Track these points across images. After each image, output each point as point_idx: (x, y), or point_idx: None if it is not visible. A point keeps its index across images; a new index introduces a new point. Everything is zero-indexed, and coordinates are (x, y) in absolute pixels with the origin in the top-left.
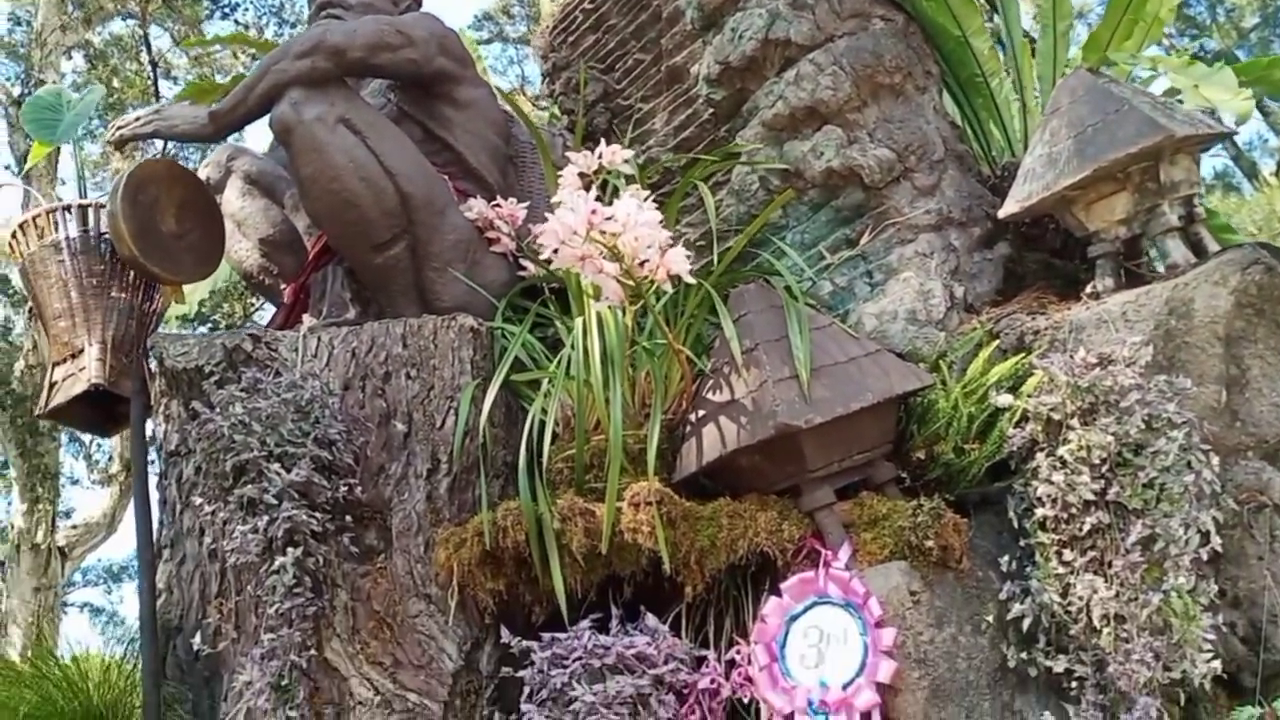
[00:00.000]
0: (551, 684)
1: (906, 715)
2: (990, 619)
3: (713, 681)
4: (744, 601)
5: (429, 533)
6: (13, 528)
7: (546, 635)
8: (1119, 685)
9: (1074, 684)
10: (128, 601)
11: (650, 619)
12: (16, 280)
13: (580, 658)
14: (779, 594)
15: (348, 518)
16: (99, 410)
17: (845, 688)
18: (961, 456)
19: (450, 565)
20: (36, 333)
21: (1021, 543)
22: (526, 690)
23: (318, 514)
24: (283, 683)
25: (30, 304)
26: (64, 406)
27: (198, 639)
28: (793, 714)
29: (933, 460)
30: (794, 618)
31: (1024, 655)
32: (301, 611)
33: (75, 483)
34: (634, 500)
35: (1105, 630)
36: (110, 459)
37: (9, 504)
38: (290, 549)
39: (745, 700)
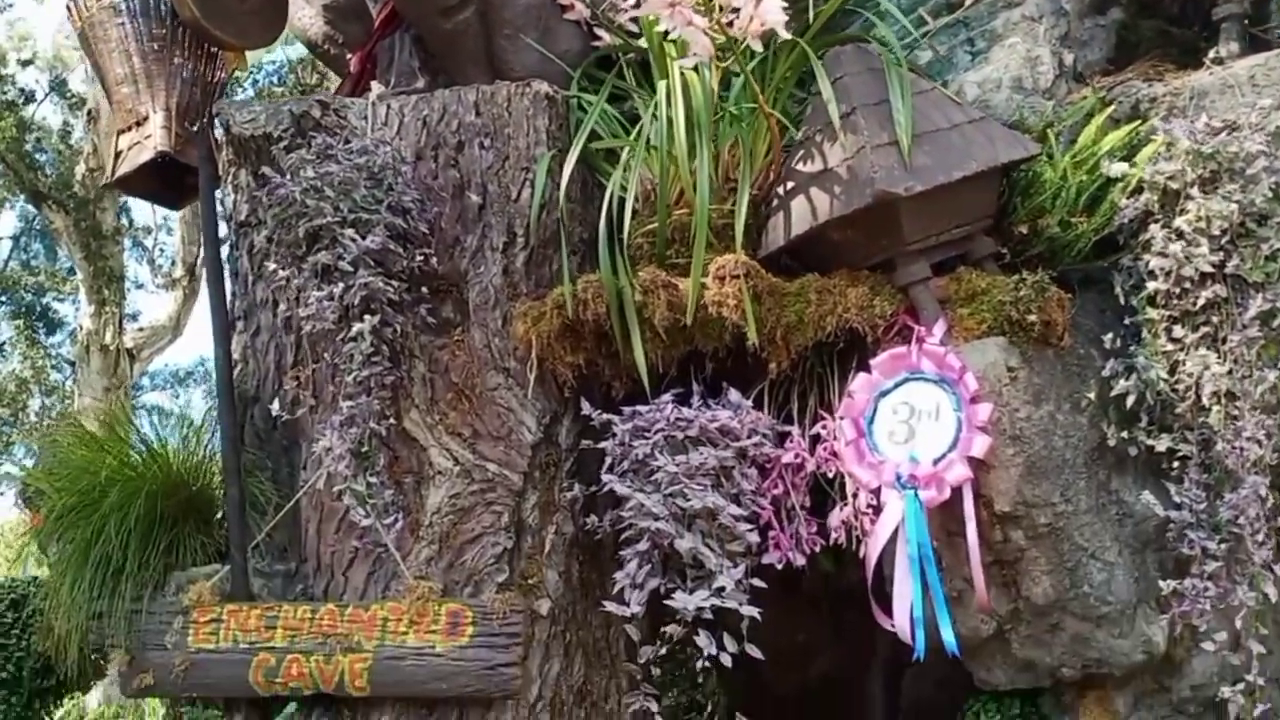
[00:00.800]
0: (633, 455)
1: (999, 491)
2: (1091, 397)
3: (797, 456)
4: (828, 379)
5: (506, 306)
6: (81, 329)
7: (627, 408)
8: (1226, 464)
9: (1176, 463)
10: (194, 405)
11: (734, 393)
12: (75, 84)
13: (663, 430)
14: (868, 370)
15: (424, 289)
16: (166, 181)
17: (936, 463)
18: (1067, 230)
19: (529, 339)
20: (96, 136)
21: (1127, 320)
22: (608, 461)
23: (394, 282)
24: (362, 449)
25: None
26: (131, 176)
27: (275, 407)
28: (879, 488)
29: (1036, 235)
30: (883, 394)
31: (1124, 434)
32: (380, 380)
33: (140, 287)
34: (720, 273)
35: (1215, 408)
36: (173, 263)
37: (76, 308)
38: (367, 316)
39: (830, 475)
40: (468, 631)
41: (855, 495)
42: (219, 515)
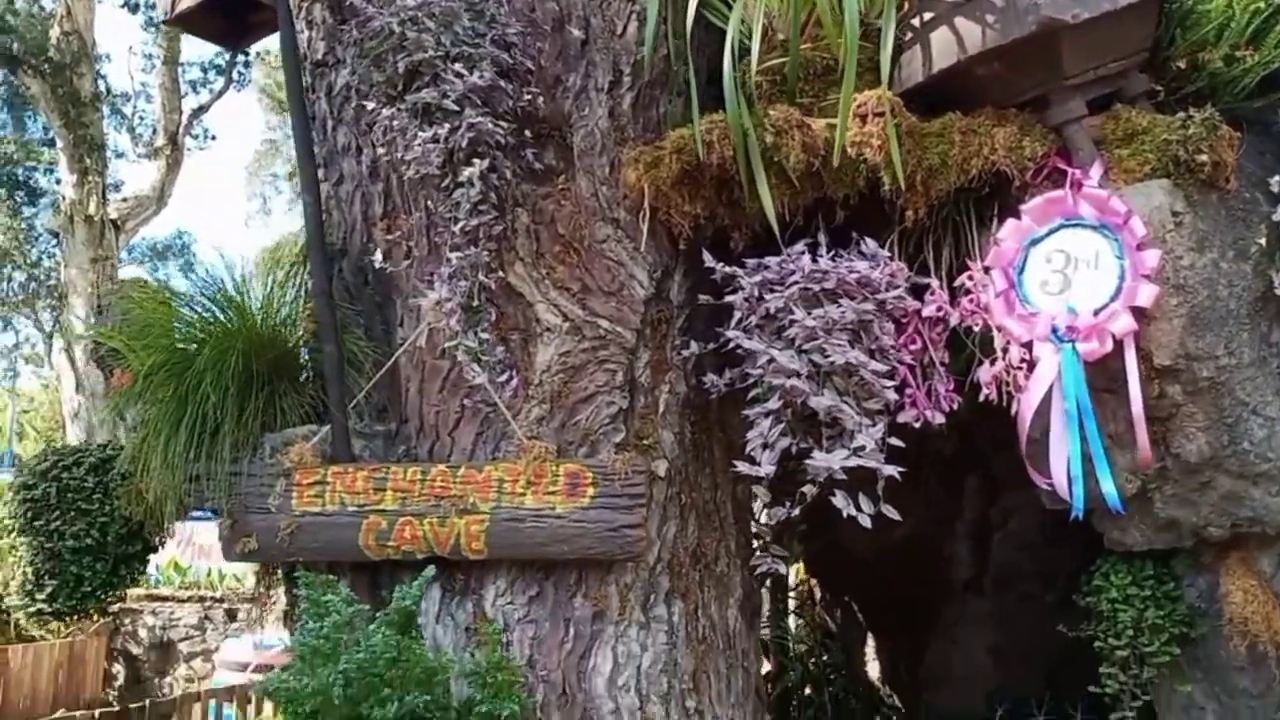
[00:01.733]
0: (762, 310)
1: (1159, 344)
2: (1261, 243)
3: (938, 309)
4: (965, 228)
5: (614, 152)
6: (64, 199)
7: (751, 261)
8: None
9: None
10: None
11: (870, 243)
12: None
13: (798, 282)
14: (1017, 216)
15: (527, 132)
16: (229, 18)
17: (1096, 314)
18: (1232, 65)
19: (641, 187)
20: None
21: None
22: (735, 316)
23: (501, 124)
24: (473, 304)
25: None
26: (192, 11)
27: (379, 257)
28: (1031, 342)
29: (1196, 70)
30: (1035, 241)
31: None
32: (488, 230)
33: (120, 156)
34: (860, 111)
35: None
36: (155, 131)
37: (57, 179)
38: (475, 160)
39: (973, 329)
40: (588, 493)
41: (1005, 350)
42: (305, 376)
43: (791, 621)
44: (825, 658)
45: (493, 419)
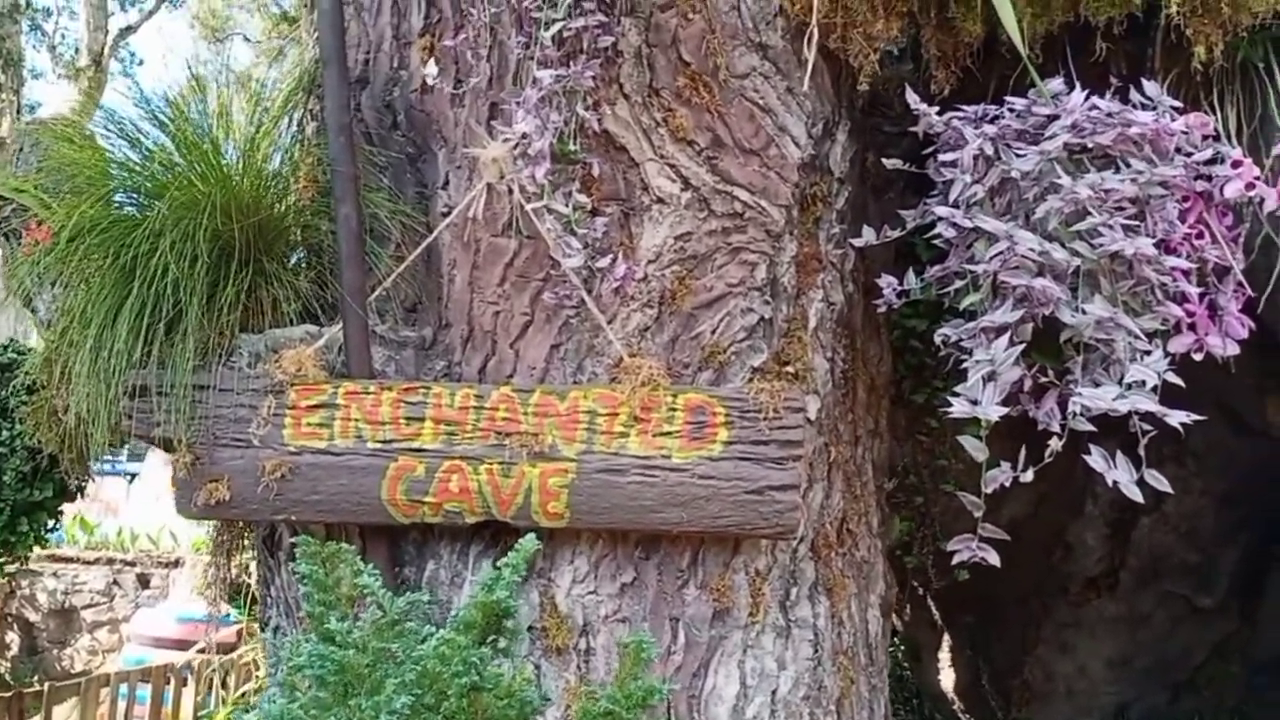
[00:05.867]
0: (994, 176)
1: None
2: None
3: (1249, 186)
4: (1262, 80)
5: None
6: None
7: (971, 108)
8: None
9: None
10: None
11: (1151, 86)
12: None
13: (1062, 132)
14: None
15: None
16: None
17: None
18: None
19: None
20: None
21: None
22: (951, 188)
23: None
24: (569, 149)
25: None
26: None
27: (431, 72)
28: None
29: None
30: None
31: None
32: (593, 40)
33: (38, 77)
34: None
35: None
36: (77, 51)
37: None
38: None
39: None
40: (720, 436)
41: None
42: (302, 256)
43: None
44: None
45: (575, 326)
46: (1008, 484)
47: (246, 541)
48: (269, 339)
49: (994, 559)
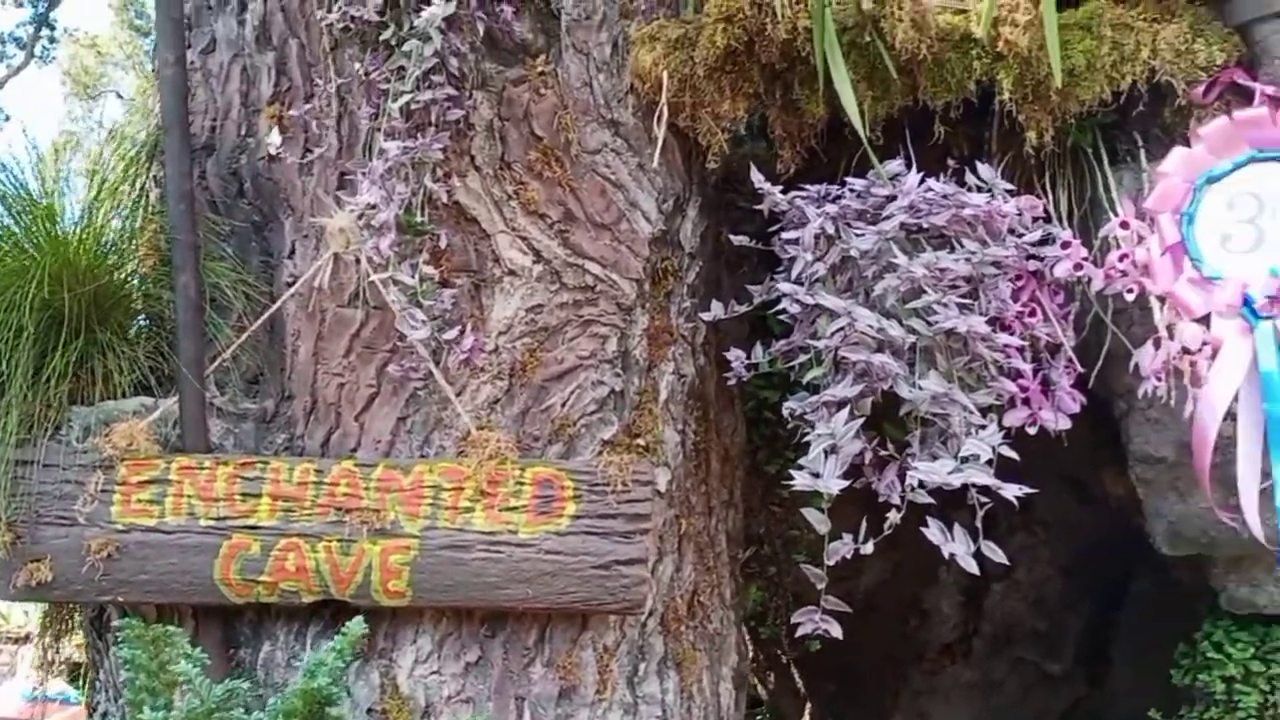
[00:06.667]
0: (836, 254)
1: None
2: None
3: (1077, 267)
4: (1091, 164)
5: (617, 27)
6: None
7: (811, 188)
8: None
9: None
10: None
11: (985, 169)
12: None
13: (902, 214)
14: (1165, 148)
15: None
16: None
17: None
18: None
19: (657, 76)
20: None
21: None
22: (794, 265)
23: None
24: (415, 220)
25: None
26: None
27: (275, 141)
28: (1209, 317)
29: None
30: (1212, 180)
31: None
32: (442, 113)
33: None
34: None
35: None
36: None
37: None
38: (436, 2)
39: (1126, 298)
40: (567, 510)
41: (1171, 329)
42: (139, 325)
43: None
44: None
45: (423, 398)
46: (849, 556)
47: (77, 621)
48: (100, 412)
49: (837, 631)
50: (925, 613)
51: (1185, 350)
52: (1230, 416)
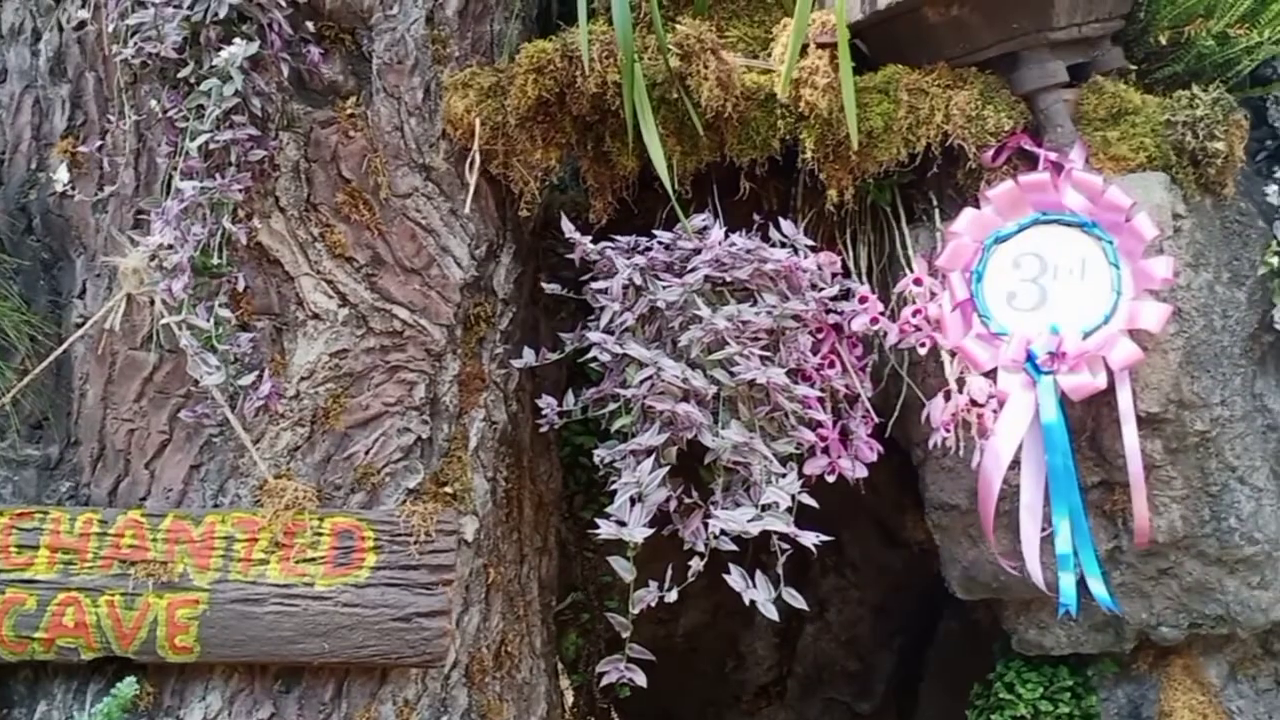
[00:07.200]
0: (643, 305)
1: (1148, 384)
2: (1275, 263)
3: (874, 321)
4: (890, 222)
5: (430, 72)
6: None
7: (625, 237)
8: None
9: None
10: None
11: (787, 225)
12: None
13: (707, 268)
14: (957, 208)
15: (309, 25)
16: None
17: (1087, 336)
18: (1225, 46)
19: (470, 123)
20: None
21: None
22: (604, 315)
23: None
24: (211, 263)
25: None
26: None
27: (59, 175)
28: (995, 371)
29: (1180, 47)
30: (1000, 239)
31: None
32: (243, 153)
33: None
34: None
35: None
36: None
37: None
38: (237, 42)
39: (919, 351)
40: (367, 562)
41: (961, 383)
42: None
43: None
44: None
45: (218, 445)
46: (653, 603)
47: None
48: None
49: (641, 679)
50: (742, 655)
51: (973, 402)
52: (1016, 465)
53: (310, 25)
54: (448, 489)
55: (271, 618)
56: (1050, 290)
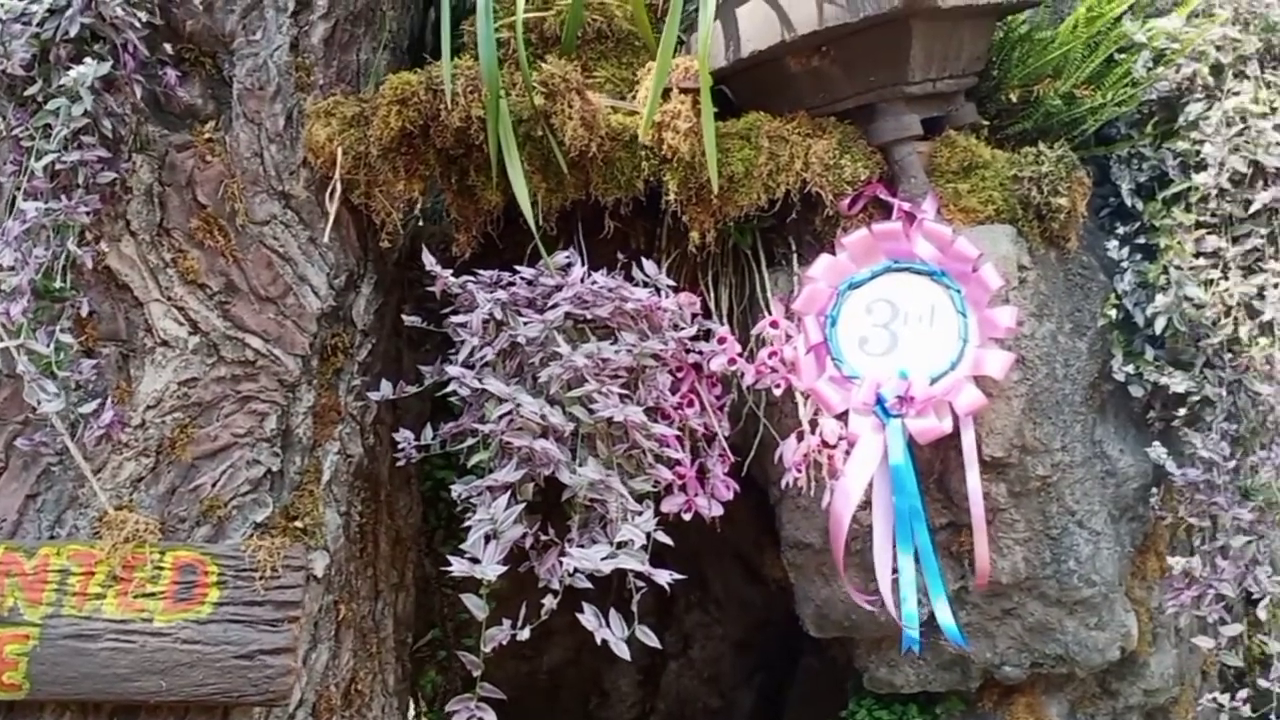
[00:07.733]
0: (503, 340)
1: (992, 430)
2: (1112, 315)
3: (731, 361)
4: (751, 265)
5: (293, 100)
6: None
7: (488, 272)
8: (1274, 414)
9: (1196, 408)
10: None
11: (649, 265)
12: None
13: (568, 305)
14: (832, 251)
15: (167, 47)
16: None
17: (934, 382)
18: (1071, 105)
19: (332, 152)
20: None
21: (1121, 227)
22: (464, 349)
23: (139, 14)
24: (54, 286)
25: None
26: None
27: None
28: (847, 414)
29: (1031, 106)
30: (853, 286)
31: (1131, 369)
32: (91, 175)
33: None
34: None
35: (1261, 342)
36: None
37: None
38: (88, 61)
39: (775, 392)
40: (209, 597)
41: (814, 424)
42: None
43: None
44: None
45: (57, 475)
46: (505, 641)
47: None
48: None
49: (492, 718)
50: (606, 692)
51: (825, 443)
52: (868, 505)
53: (169, 47)
54: (298, 523)
55: (106, 654)
56: (900, 336)
